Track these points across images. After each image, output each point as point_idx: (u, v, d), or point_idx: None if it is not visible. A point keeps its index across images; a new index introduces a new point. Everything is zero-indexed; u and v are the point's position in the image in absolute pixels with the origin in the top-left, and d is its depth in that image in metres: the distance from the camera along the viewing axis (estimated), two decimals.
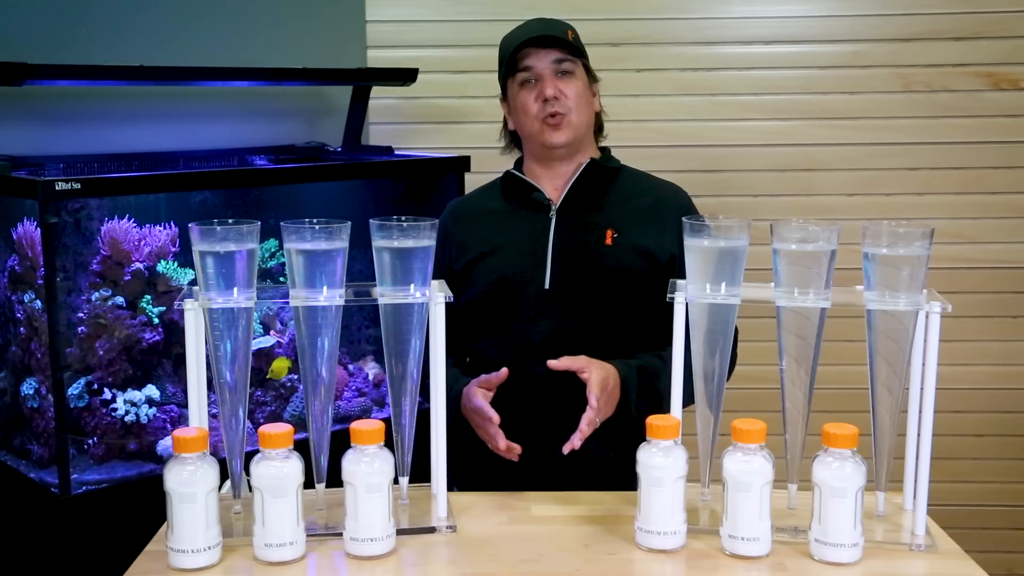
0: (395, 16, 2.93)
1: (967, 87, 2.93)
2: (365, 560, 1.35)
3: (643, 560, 1.37)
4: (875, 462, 1.42)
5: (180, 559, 1.31)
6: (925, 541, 1.39)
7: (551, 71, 1.82)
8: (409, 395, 1.46)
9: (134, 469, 2.17)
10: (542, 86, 1.82)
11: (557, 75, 1.83)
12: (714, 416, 1.46)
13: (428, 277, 1.44)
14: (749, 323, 1.75)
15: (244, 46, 2.65)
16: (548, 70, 1.82)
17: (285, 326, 2.52)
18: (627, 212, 1.86)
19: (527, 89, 1.84)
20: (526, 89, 1.84)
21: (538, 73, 1.83)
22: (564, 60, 1.83)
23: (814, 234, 1.39)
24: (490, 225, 1.89)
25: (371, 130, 2.96)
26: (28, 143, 2.31)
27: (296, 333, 1.44)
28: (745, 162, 2.97)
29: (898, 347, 1.39)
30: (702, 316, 1.44)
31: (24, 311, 2.17)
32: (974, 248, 2.99)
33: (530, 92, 1.84)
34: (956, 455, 3.05)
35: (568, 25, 1.88)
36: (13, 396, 2.24)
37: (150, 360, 2.28)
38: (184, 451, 1.31)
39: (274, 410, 2.43)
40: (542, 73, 1.82)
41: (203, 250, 1.37)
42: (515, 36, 1.87)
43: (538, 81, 1.83)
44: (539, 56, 1.82)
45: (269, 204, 2.52)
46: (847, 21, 2.92)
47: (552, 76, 1.82)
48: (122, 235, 2.24)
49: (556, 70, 1.82)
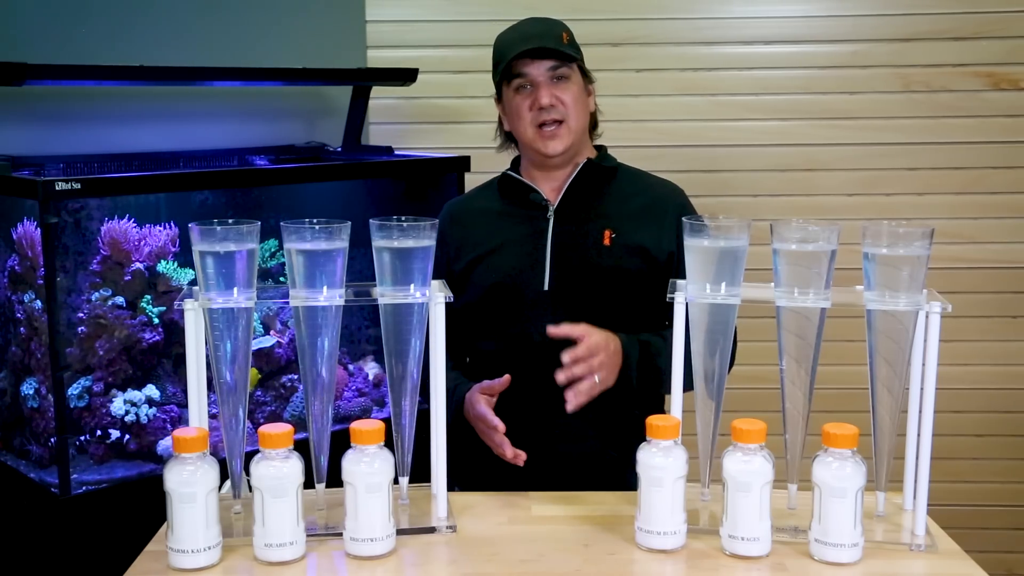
0: (395, 16, 2.93)
1: (967, 87, 2.92)
2: (365, 560, 1.35)
3: (643, 560, 1.37)
4: (875, 462, 1.42)
5: (180, 559, 1.31)
6: (925, 541, 1.39)
7: (546, 78, 1.81)
8: (409, 395, 1.46)
9: (134, 469, 2.17)
10: (537, 94, 1.81)
11: (552, 80, 1.81)
12: (714, 416, 1.46)
13: (428, 277, 1.44)
14: (749, 323, 1.75)
15: (244, 46, 2.65)
16: (543, 77, 1.81)
17: (285, 326, 2.52)
18: (625, 211, 1.86)
19: (522, 95, 1.83)
20: (521, 95, 1.83)
21: (533, 80, 1.81)
22: (559, 67, 1.81)
23: (814, 234, 1.39)
24: (488, 226, 1.88)
25: (371, 130, 2.96)
26: (28, 143, 2.31)
27: (296, 333, 1.44)
28: (745, 162, 2.97)
29: (898, 347, 1.39)
30: (702, 316, 1.44)
31: (24, 311, 2.17)
32: (974, 248, 2.99)
33: (525, 98, 1.82)
34: (956, 455, 3.05)
35: (563, 26, 1.86)
36: (13, 396, 2.24)
37: (150, 360, 2.28)
38: (184, 451, 1.31)
39: (274, 410, 2.43)
40: (537, 80, 1.81)
41: (203, 250, 1.37)
42: (509, 40, 1.84)
43: (533, 88, 1.82)
44: (534, 64, 1.81)
45: (269, 204, 2.52)
46: (847, 21, 2.92)
47: (547, 83, 1.80)
48: (122, 235, 2.24)
49: (551, 76, 1.81)
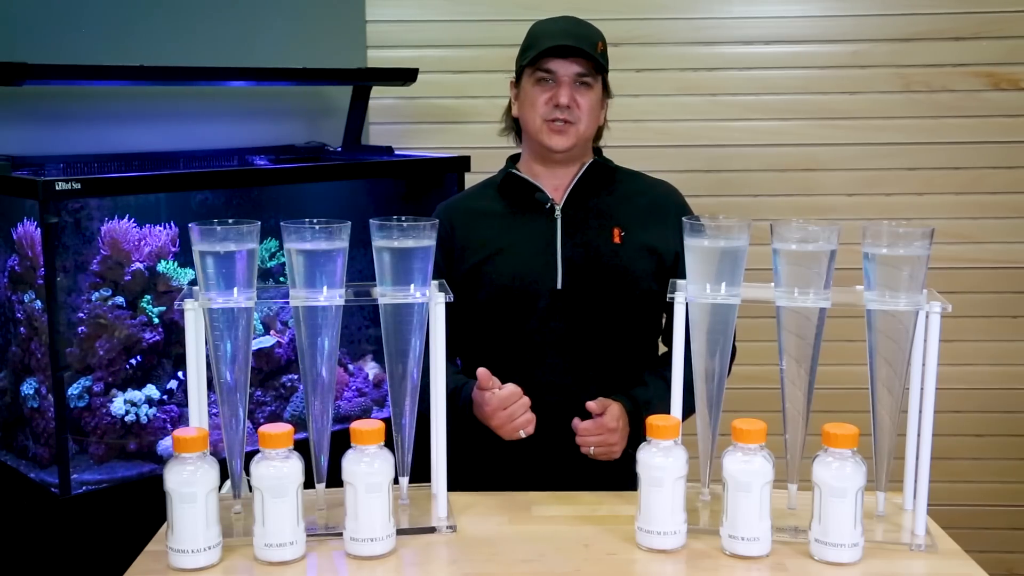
0: (395, 16, 2.93)
1: (967, 87, 2.92)
2: (365, 560, 1.35)
3: (643, 560, 1.37)
4: (875, 462, 1.42)
5: (180, 559, 1.31)
6: (925, 541, 1.39)
7: (571, 79, 1.80)
8: (409, 395, 1.46)
9: (134, 469, 2.17)
10: (558, 91, 1.80)
11: (576, 84, 1.80)
12: (714, 416, 1.46)
13: (428, 277, 1.44)
14: (749, 323, 1.75)
15: (244, 46, 2.65)
16: (569, 77, 1.80)
17: (285, 326, 2.52)
18: (630, 211, 1.85)
19: (541, 86, 1.81)
20: (540, 86, 1.82)
21: (558, 77, 1.80)
22: (587, 74, 1.80)
23: (814, 234, 1.39)
24: (492, 227, 1.86)
25: (371, 130, 2.96)
26: (28, 143, 2.31)
27: (296, 333, 1.44)
28: (745, 162, 2.97)
29: (898, 347, 1.39)
30: (702, 316, 1.44)
31: (24, 311, 2.17)
32: (974, 248, 2.99)
33: (544, 90, 1.81)
34: (956, 455, 3.05)
35: (601, 36, 1.84)
36: (13, 396, 2.24)
37: (150, 360, 2.28)
38: (184, 451, 1.31)
39: (274, 410, 2.43)
40: (561, 79, 1.80)
41: (203, 250, 1.37)
42: (547, 31, 1.83)
43: (556, 84, 1.80)
44: (564, 63, 1.79)
45: (269, 204, 2.52)
46: (847, 21, 2.92)
47: (570, 84, 1.80)
48: (122, 235, 2.24)
49: (576, 79, 1.80)
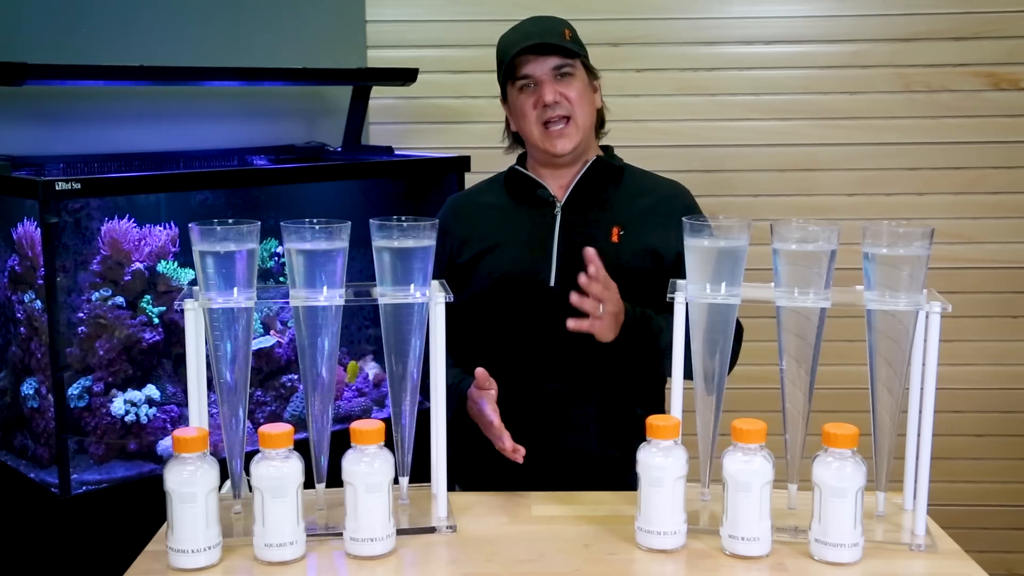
0: (395, 16, 2.93)
1: (967, 87, 2.93)
2: (365, 560, 1.35)
3: (643, 560, 1.37)
4: (875, 462, 1.42)
5: (180, 559, 1.31)
6: (925, 541, 1.39)
7: (550, 75, 1.80)
8: (409, 395, 1.46)
9: (134, 469, 2.17)
10: (541, 91, 1.80)
11: (556, 78, 1.81)
12: (714, 416, 1.46)
13: (428, 277, 1.44)
14: (749, 323, 1.75)
15: (245, 46, 2.65)
16: (547, 75, 1.80)
17: (285, 326, 2.52)
18: (632, 210, 1.85)
19: (527, 94, 1.83)
20: (525, 94, 1.83)
21: (536, 78, 1.81)
22: (563, 64, 1.81)
23: (814, 234, 1.39)
24: (493, 220, 1.88)
25: (371, 130, 2.96)
26: (28, 143, 2.31)
27: (296, 333, 1.44)
28: (745, 162, 2.97)
29: (898, 347, 1.39)
30: (702, 316, 1.44)
31: (24, 311, 2.17)
32: (974, 248, 2.99)
33: (529, 97, 1.82)
34: (956, 455, 3.05)
35: (565, 24, 1.85)
36: (13, 396, 2.24)
37: (150, 360, 2.28)
38: (184, 451, 1.31)
39: (274, 410, 2.43)
40: (540, 78, 1.81)
41: (203, 250, 1.37)
42: (511, 40, 1.84)
43: (537, 86, 1.81)
44: (537, 63, 1.80)
45: (269, 204, 2.52)
46: (847, 21, 2.92)
47: (551, 81, 1.80)
48: (122, 235, 2.24)
49: (555, 74, 1.81)
